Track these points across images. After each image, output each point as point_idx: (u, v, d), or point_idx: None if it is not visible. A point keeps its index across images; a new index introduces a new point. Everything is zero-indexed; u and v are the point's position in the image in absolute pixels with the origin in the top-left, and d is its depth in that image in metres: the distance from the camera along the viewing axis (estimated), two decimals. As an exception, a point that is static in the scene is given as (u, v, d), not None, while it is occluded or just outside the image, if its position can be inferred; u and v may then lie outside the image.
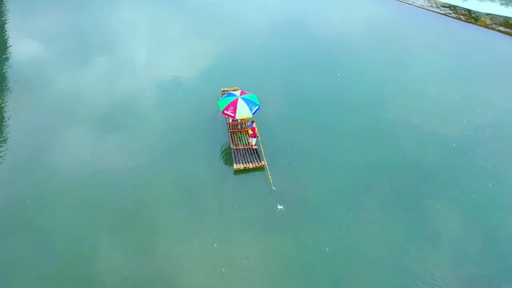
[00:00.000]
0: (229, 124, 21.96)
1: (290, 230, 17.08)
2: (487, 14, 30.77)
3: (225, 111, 19.88)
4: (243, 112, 19.75)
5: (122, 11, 30.06)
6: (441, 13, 31.24)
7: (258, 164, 20.00)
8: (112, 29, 28.04)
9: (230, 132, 21.54)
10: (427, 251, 16.43)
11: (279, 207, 18.11)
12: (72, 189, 17.97)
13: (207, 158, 20.39)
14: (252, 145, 20.81)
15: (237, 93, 20.59)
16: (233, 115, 19.73)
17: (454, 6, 31.65)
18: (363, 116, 22.67)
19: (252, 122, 20.48)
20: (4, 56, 24.03)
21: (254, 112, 19.98)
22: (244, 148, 20.83)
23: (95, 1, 30.23)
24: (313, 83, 24.86)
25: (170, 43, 27.65)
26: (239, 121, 21.74)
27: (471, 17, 30.76)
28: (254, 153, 20.61)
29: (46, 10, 28.78)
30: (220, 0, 31.93)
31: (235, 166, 19.82)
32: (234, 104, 19.86)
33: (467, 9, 31.34)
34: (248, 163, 20.04)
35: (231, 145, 20.78)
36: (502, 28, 29.62)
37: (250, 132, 20.47)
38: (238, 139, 21.38)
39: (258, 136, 20.53)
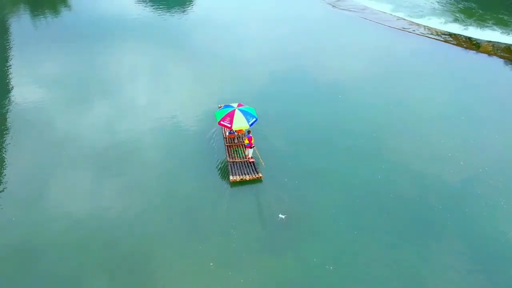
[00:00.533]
0: (226, 138, 21.24)
1: (291, 248, 15.83)
2: (488, 41, 30.81)
3: (222, 122, 19.34)
4: (240, 123, 19.20)
5: (122, 55, 29.05)
6: (441, 40, 31.27)
7: (255, 176, 19.21)
8: (112, 72, 26.72)
9: (227, 145, 20.84)
10: (432, 271, 15.13)
11: (280, 216, 17.10)
12: (72, 228, 16.42)
13: (203, 172, 19.45)
14: (249, 157, 20.02)
15: (235, 104, 20.17)
16: (229, 125, 19.18)
17: (455, 34, 31.75)
18: (366, 135, 21.82)
19: (249, 131, 19.95)
20: (5, 99, 23.23)
21: (251, 124, 19.34)
22: (241, 161, 20.03)
23: (95, 46, 29.31)
24: (317, 106, 24.10)
25: (168, 83, 26.35)
26: (235, 134, 21.16)
27: (472, 43, 30.78)
28: (251, 165, 19.88)
29: (47, 54, 28.19)
30: (218, 48, 30.15)
31: (231, 178, 18.92)
32: (231, 115, 19.34)
33: (468, 36, 31.43)
34: (245, 175, 19.30)
35: (228, 158, 19.96)
36: (504, 54, 29.56)
37: (246, 141, 19.82)
38: (235, 152, 20.52)
39: (254, 147, 19.88)
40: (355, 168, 19.83)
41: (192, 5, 32.18)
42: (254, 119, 19.58)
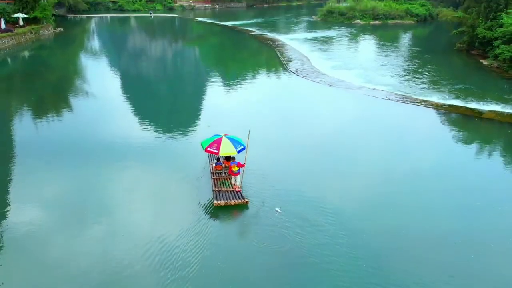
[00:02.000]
0: (213, 172, 20.50)
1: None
2: (491, 111, 30.82)
3: (209, 148, 18.80)
4: (227, 149, 18.66)
5: (121, 176, 24.21)
6: (446, 110, 31.51)
7: (242, 201, 18.06)
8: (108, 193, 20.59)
9: (213, 179, 19.99)
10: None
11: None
12: None
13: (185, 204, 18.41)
14: (236, 186, 19.01)
15: (222, 134, 19.92)
16: (216, 151, 18.62)
17: (456, 106, 32.03)
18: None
19: (233, 158, 19.32)
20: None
21: (239, 151, 18.89)
22: (226, 191, 18.95)
23: (90, 168, 21.70)
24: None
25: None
26: (222, 165, 20.46)
27: (474, 111, 30.83)
28: (237, 194, 18.73)
29: (41, 176, 21.33)
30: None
31: (215, 202, 17.88)
32: (218, 142, 18.86)
33: (470, 107, 31.61)
34: (230, 199, 18.15)
35: (213, 187, 19.11)
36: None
37: (235, 169, 18.97)
38: (221, 184, 19.62)
39: (244, 166, 19.04)
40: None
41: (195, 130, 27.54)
42: (242, 147, 19.07)
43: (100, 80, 33.75)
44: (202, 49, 65.73)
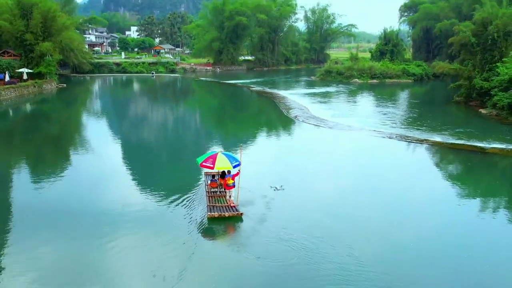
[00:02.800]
0: (208, 190, 19.66)
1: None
2: (494, 147, 30.33)
3: (204, 163, 18.20)
4: (222, 164, 18.06)
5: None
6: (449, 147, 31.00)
7: (236, 213, 17.20)
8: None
9: (208, 196, 19.11)
10: None
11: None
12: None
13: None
14: (231, 201, 18.11)
15: (217, 150, 19.31)
16: (211, 166, 17.94)
17: (459, 144, 31.59)
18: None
19: (229, 171, 18.59)
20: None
21: (235, 166, 18.28)
22: (221, 206, 18.09)
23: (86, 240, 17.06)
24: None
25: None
26: (218, 182, 19.62)
27: (478, 148, 30.32)
28: (232, 208, 17.83)
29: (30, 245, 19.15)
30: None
31: (209, 214, 16.99)
32: (213, 157, 18.29)
33: (473, 145, 31.13)
34: (224, 212, 17.23)
35: (207, 203, 18.23)
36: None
37: (230, 182, 18.14)
38: (216, 200, 18.78)
39: (239, 174, 18.36)
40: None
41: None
42: (237, 163, 18.53)
43: (98, 140, 30.08)
44: (201, 100, 66.93)
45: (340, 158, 29.19)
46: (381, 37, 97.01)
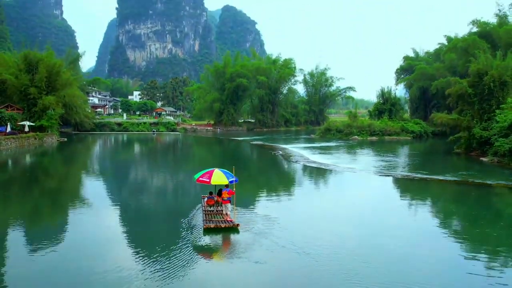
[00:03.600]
0: (205, 211, 18.89)
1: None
2: (500, 183, 29.74)
3: (200, 178, 17.82)
4: (219, 178, 17.65)
5: None
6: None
7: (232, 224, 16.53)
8: None
9: (204, 213, 18.38)
10: None
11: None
12: None
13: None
14: (227, 216, 17.37)
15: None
16: (208, 180, 17.49)
17: (466, 180, 31.10)
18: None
19: (226, 185, 17.96)
20: None
21: (231, 182, 17.85)
22: (217, 220, 17.39)
23: None
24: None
25: None
26: (214, 199, 18.85)
27: (483, 183, 29.65)
28: (228, 222, 17.11)
29: None
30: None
31: (205, 225, 16.24)
32: (210, 173, 17.95)
33: (477, 181, 30.53)
34: (220, 223, 16.49)
35: (203, 217, 17.54)
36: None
37: (226, 196, 17.50)
38: (213, 217, 18.12)
39: (234, 194, 17.70)
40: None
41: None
42: (234, 178, 18.12)
43: (97, 199, 26.53)
44: (202, 149, 66.86)
45: (340, 190, 28.80)
46: (379, 96, 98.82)
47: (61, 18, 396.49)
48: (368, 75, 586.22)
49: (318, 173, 36.80)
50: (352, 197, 26.84)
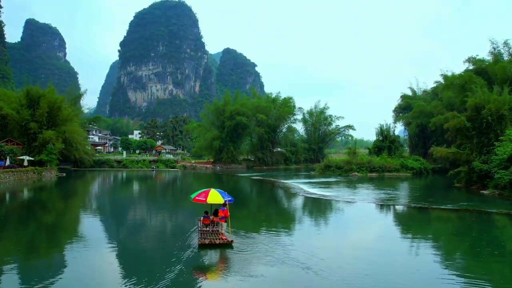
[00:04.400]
0: (201, 231, 18.58)
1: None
2: (501, 210, 29.46)
3: (197, 198, 17.77)
4: (215, 198, 17.62)
5: None
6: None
7: (227, 240, 16.39)
8: None
9: (200, 232, 18.08)
10: None
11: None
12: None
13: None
14: (223, 234, 17.12)
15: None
16: (204, 199, 17.42)
17: (467, 209, 30.79)
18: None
19: (224, 204, 17.74)
20: None
21: (229, 201, 17.71)
22: (212, 238, 17.19)
23: None
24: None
25: None
26: (210, 219, 18.57)
27: (484, 211, 29.36)
28: (222, 240, 16.86)
29: None
30: None
31: (200, 241, 16.09)
32: (206, 192, 18.00)
33: (479, 209, 30.30)
34: (215, 240, 16.25)
35: (199, 236, 17.26)
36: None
37: (221, 215, 17.27)
38: (208, 235, 17.83)
39: (228, 217, 17.39)
40: None
41: None
42: (229, 198, 18.06)
43: (92, 236, 25.24)
44: (202, 183, 66.37)
45: (339, 216, 28.48)
46: (378, 133, 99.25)
47: (64, 60, 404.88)
48: (368, 115, 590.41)
49: (317, 202, 36.55)
50: (352, 223, 26.59)
